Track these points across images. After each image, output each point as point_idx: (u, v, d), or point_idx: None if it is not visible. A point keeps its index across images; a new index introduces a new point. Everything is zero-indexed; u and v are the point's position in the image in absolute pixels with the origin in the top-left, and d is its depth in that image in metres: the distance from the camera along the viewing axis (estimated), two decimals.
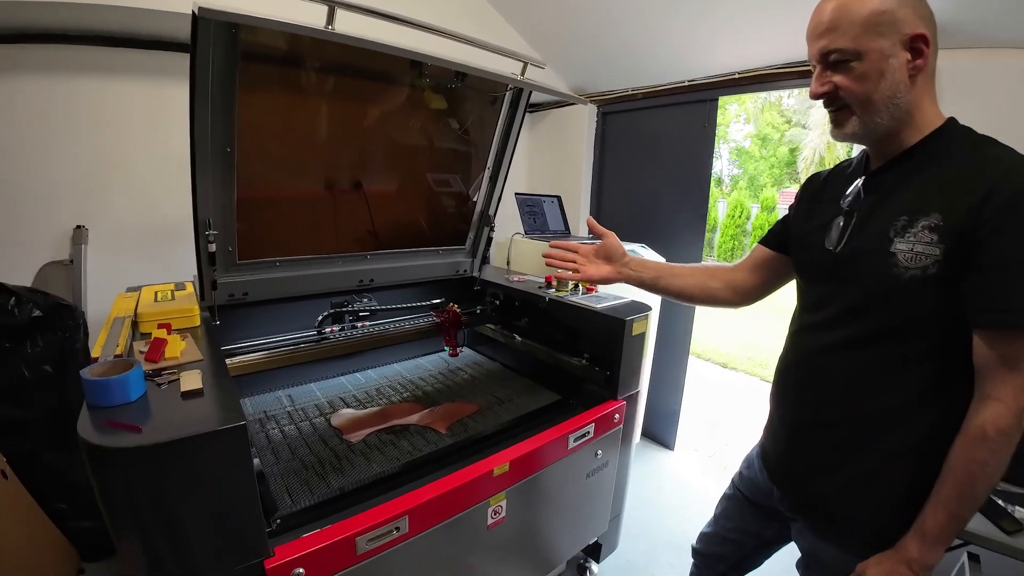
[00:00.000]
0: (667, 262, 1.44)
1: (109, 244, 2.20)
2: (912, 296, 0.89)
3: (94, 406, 0.94)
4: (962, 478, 0.86)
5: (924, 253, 0.87)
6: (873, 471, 0.98)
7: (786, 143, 17.35)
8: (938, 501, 0.89)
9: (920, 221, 0.88)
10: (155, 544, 0.91)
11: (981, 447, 0.84)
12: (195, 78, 1.25)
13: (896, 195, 0.95)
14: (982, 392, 0.86)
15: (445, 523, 1.25)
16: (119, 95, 2.14)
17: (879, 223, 0.95)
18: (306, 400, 1.85)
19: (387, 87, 1.73)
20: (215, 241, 1.51)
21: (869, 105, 0.90)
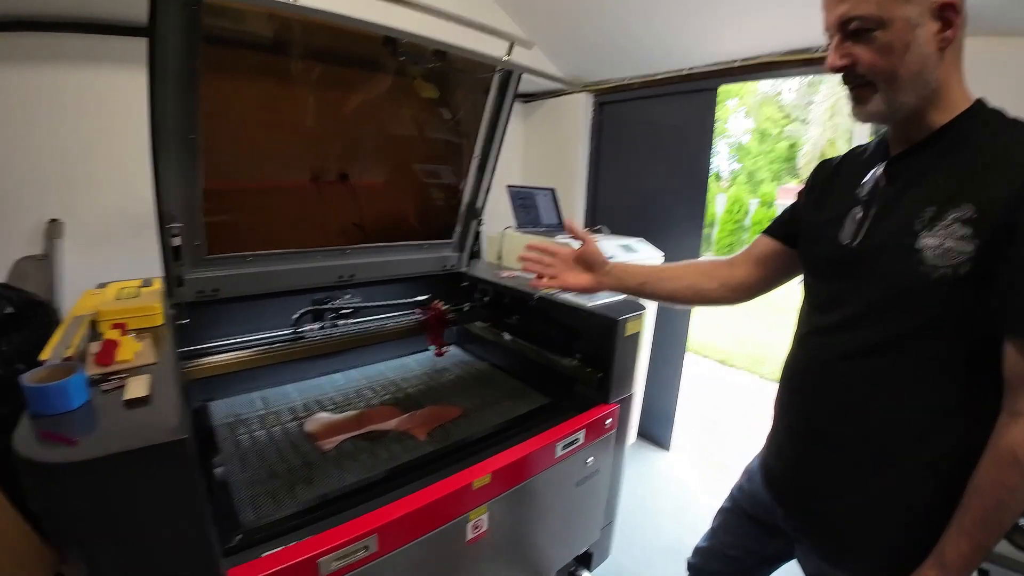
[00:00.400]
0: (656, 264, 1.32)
1: (87, 238, 2.11)
2: (940, 298, 0.79)
3: (35, 414, 0.86)
4: (990, 505, 0.77)
5: (955, 250, 0.76)
6: (890, 492, 0.89)
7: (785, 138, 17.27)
8: (961, 529, 0.80)
9: (950, 213, 0.78)
10: (97, 563, 0.82)
11: (1013, 471, 0.75)
12: (154, 60, 1.17)
13: (922, 183, 0.84)
14: (1013, 408, 0.77)
15: (419, 540, 1.15)
16: (98, 84, 2.04)
17: (902, 215, 0.84)
18: (281, 403, 1.75)
19: (363, 70, 1.63)
20: (179, 234, 1.42)
21: (894, 81, 0.80)
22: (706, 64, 2.50)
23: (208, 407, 1.69)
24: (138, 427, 0.85)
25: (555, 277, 1.26)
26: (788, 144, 17.16)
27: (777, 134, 17.55)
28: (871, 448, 0.90)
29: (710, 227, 14.24)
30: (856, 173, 0.97)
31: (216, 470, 1.32)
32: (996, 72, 1.64)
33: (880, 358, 0.87)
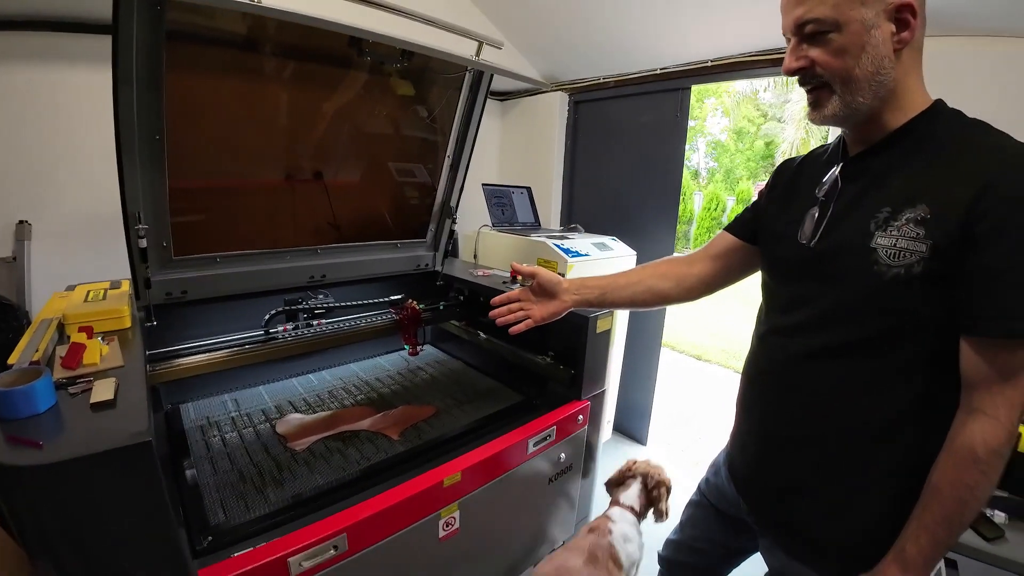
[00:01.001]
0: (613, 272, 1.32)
1: (54, 239, 2.06)
2: (895, 298, 0.80)
3: (1, 418, 0.85)
4: (949, 503, 0.78)
5: (908, 249, 0.78)
6: (854, 492, 0.90)
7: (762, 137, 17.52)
8: (921, 525, 0.80)
9: (905, 213, 0.79)
10: (65, 568, 0.83)
11: (971, 469, 0.76)
12: (117, 60, 1.16)
13: (878, 184, 0.85)
14: (971, 406, 0.78)
15: (390, 539, 1.16)
16: (64, 83, 1.98)
17: (859, 215, 0.85)
18: (253, 405, 1.74)
19: (331, 69, 1.62)
20: (146, 236, 1.40)
21: (850, 82, 0.81)
22: (678, 64, 2.53)
23: (179, 410, 1.68)
24: (104, 430, 0.84)
25: (528, 318, 1.27)
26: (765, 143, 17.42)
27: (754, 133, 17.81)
28: (832, 448, 0.91)
29: (688, 224, 14.41)
30: (816, 174, 0.98)
31: (187, 472, 1.31)
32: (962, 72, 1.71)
33: (840, 359, 0.88)
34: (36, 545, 0.82)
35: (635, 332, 2.94)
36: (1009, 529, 1.23)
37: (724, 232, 1.21)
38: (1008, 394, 0.75)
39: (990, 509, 1.29)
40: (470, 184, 2.12)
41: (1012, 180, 0.73)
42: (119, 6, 1.08)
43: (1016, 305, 0.72)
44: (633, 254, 2.71)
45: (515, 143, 3.48)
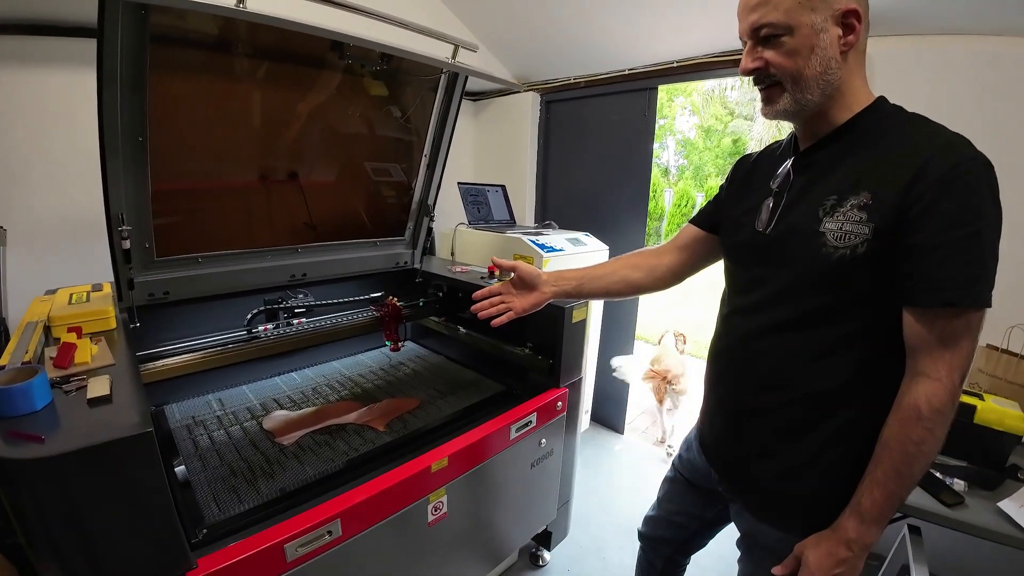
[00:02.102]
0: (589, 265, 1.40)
1: (31, 244, 2.01)
2: (842, 276, 0.88)
3: None
4: (898, 457, 0.85)
5: (853, 232, 0.86)
6: (812, 454, 0.98)
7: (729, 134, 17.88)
8: (874, 480, 0.88)
9: (849, 200, 0.87)
10: (69, 560, 0.85)
11: (916, 426, 0.83)
12: (103, 63, 1.17)
13: (826, 175, 0.94)
14: (915, 370, 0.85)
15: (382, 524, 1.21)
16: (36, 85, 1.94)
17: (808, 203, 0.94)
18: (237, 403, 1.76)
19: (312, 71, 1.65)
20: (129, 237, 1.41)
21: (800, 81, 0.88)
22: (646, 65, 2.62)
23: (163, 411, 1.68)
24: (103, 423, 0.87)
25: (510, 310, 1.32)
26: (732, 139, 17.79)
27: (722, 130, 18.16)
28: (793, 417, 0.99)
29: (659, 221, 14.64)
30: (771, 167, 1.07)
31: (176, 470, 1.33)
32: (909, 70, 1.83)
33: (794, 334, 0.97)
34: (40, 540, 0.84)
35: (609, 325, 3.03)
36: (968, 496, 1.33)
37: (689, 224, 1.29)
38: (947, 357, 0.82)
39: (949, 478, 1.39)
40: (445, 183, 2.17)
41: (941, 163, 0.80)
42: (104, 10, 1.10)
43: (949, 277, 0.79)
44: (605, 248, 2.80)
45: (488, 142, 3.53)
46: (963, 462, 1.46)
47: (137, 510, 0.88)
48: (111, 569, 0.88)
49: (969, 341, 0.83)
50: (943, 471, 1.41)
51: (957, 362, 0.83)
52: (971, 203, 0.79)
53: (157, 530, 0.91)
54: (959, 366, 0.83)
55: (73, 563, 0.86)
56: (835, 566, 0.90)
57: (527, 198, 3.34)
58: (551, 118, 3.25)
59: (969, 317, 0.82)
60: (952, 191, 0.79)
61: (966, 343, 0.83)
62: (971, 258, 0.79)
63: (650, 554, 1.54)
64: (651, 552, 1.54)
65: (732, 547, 1.22)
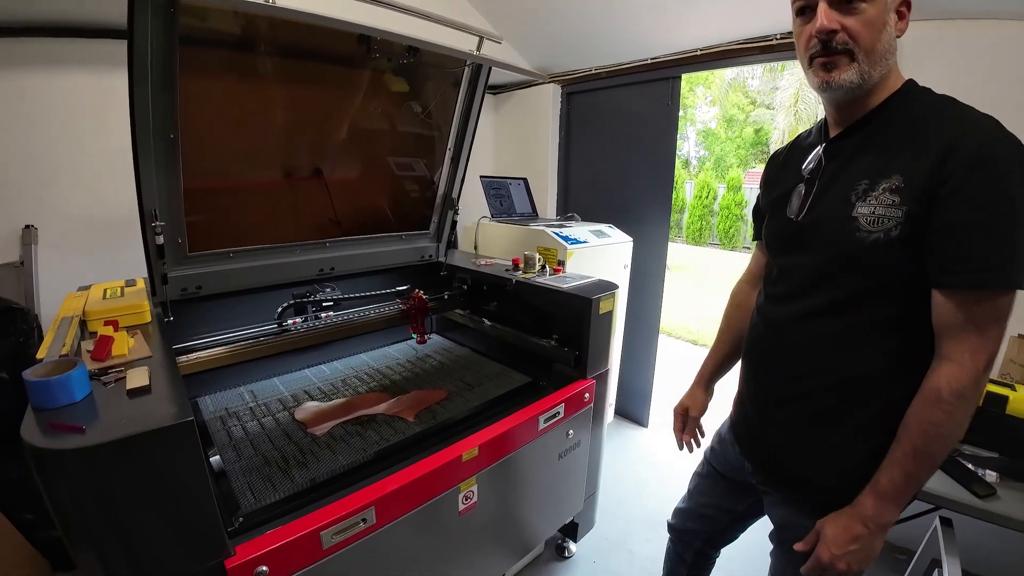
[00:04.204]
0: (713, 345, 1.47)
1: (61, 243, 2.09)
2: (876, 261, 0.87)
3: (38, 408, 0.89)
4: (916, 438, 0.86)
5: (886, 216, 0.85)
6: (847, 442, 0.97)
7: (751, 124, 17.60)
8: (893, 459, 0.88)
9: (881, 184, 0.87)
10: (109, 549, 0.86)
11: (936, 408, 0.83)
12: (133, 62, 1.19)
13: (857, 159, 0.93)
14: (939, 353, 0.85)
15: (414, 512, 1.22)
16: (64, 87, 2.01)
17: (840, 189, 0.93)
18: (269, 395, 1.79)
19: (339, 69, 1.66)
20: (163, 233, 1.44)
21: (872, 54, 0.87)
22: (668, 53, 2.59)
23: (197, 403, 1.72)
24: (144, 413, 0.89)
25: None
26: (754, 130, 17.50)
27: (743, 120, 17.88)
28: (824, 404, 0.99)
29: (680, 213, 14.47)
30: (801, 156, 1.07)
31: (211, 460, 1.36)
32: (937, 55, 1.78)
33: (827, 320, 0.96)
34: (79, 531, 0.85)
35: (633, 318, 3.01)
36: (1000, 487, 1.30)
37: (756, 244, 1.30)
38: (973, 341, 0.82)
39: (981, 469, 1.36)
40: (467, 177, 2.17)
41: (970, 144, 0.79)
42: (134, 10, 1.12)
43: (976, 258, 0.79)
44: (629, 240, 2.77)
45: (509, 135, 3.52)
46: (995, 453, 1.42)
47: (177, 498, 0.89)
48: (150, 558, 0.89)
49: (997, 325, 0.83)
50: (975, 462, 1.38)
51: (983, 346, 0.82)
52: (1000, 184, 0.78)
53: (196, 518, 0.92)
54: (985, 350, 0.83)
55: (112, 553, 0.87)
56: (851, 541, 0.91)
57: (549, 191, 3.33)
58: (572, 110, 3.23)
59: (997, 301, 0.82)
60: (981, 171, 0.78)
61: (993, 327, 0.83)
62: (1000, 239, 0.78)
63: (679, 547, 1.54)
64: (680, 545, 1.53)
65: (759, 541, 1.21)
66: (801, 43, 0.94)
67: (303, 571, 1.05)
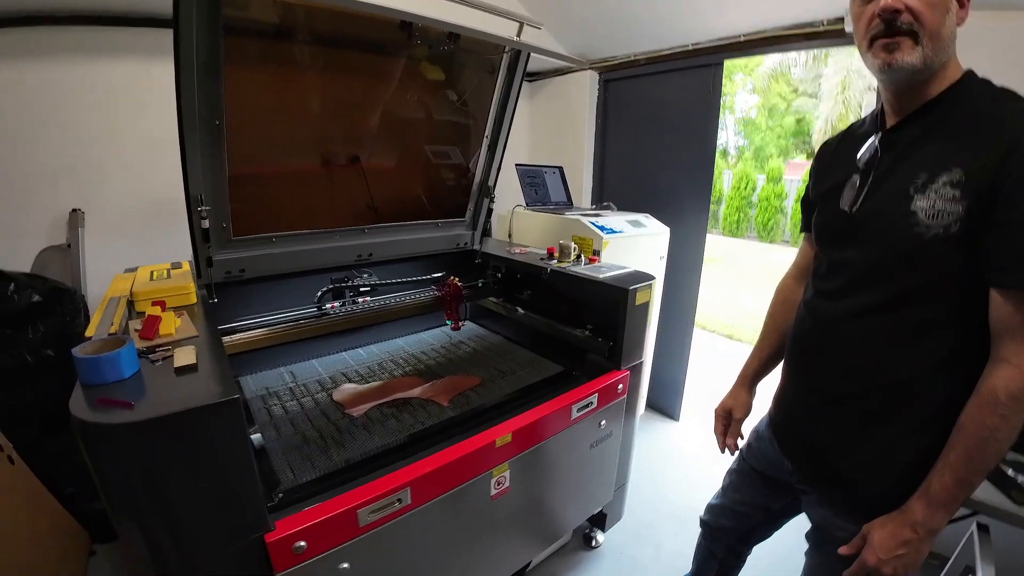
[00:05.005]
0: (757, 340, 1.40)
1: (107, 227, 2.19)
2: (934, 257, 0.85)
3: (87, 384, 0.92)
4: (972, 443, 0.83)
5: (946, 211, 0.82)
6: (895, 444, 0.95)
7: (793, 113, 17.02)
8: (946, 464, 0.86)
9: (941, 177, 0.83)
10: (152, 522, 0.90)
11: (992, 412, 0.81)
12: (179, 51, 1.22)
13: (916, 151, 0.90)
14: (996, 355, 0.82)
15: (448, 494, 1.24)
16: (108, 75, 2.09)
17: (898, 181, 0.90)
18: (308, 376, 1.84)
19: (379, 57, 1.67)
20: (208, 217, 1.48)
21: (936, 38, 0.84)
22: (710, 39, 2.51)
23: (239, 382, 1.78)
24: (191, 390, 0.92)
25: None
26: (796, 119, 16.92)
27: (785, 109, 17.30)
28: (876, 405, 0.96)
29: (717, 204, 14.15)
30: (854, 145, 1.02)
31: (252, 437, 1.40)
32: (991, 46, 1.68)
33: (880, 318, 0.93)
34: (124, 504, 0.88)
35: (668, 310, 2.97)
36: None
37: (803, 236, 1.27)
38: None
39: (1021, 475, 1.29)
40: (503, 165, 2.17)
41: None
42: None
43: None
44: (666, 231, 2.73)
45: (545, 123, 3.50)
46: None
47: (221, 474, 0.92)
48: (192, 531, 0.92)
49: None
50: (1015, 468, 1.31)
51: None
52: None
53: (239, 493, 0.95)
54: None
55: (155, 526, 0.90)
56: (899, 547, 0.89)
57: (584, 180, 3.30)
58: (609, 97, 3.18)
59: None
60: None
61: None
62: None
63: (711, 542, 1.53)
64: (712, 541, 1.53)
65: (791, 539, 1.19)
66: (861, 24, 0.90)
67: (340, 548, 1.08)
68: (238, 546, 0.97)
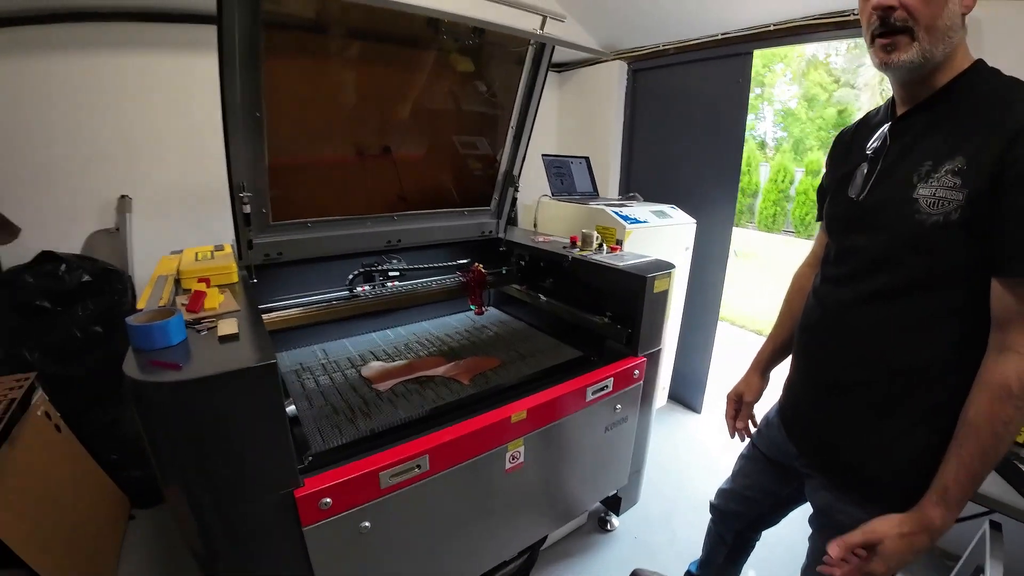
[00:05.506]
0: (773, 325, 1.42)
1: (153, 212, 2.33)
2: (936, 244, 0.85)
3: (138, 349, 1.02)
4: (987, 438, 0.82)
5: (946, 198, 0.83)
6: (900, 433, 0.96)
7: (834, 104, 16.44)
8: (961, 463, 0.84)
9: (944, 165, 0.84)
10: (194, 475, 1.00)
11: (1007, 404, 0.80)
12: (223, 47, 1.31)
13: (922, 140, 0.91)
14: (1004, 344, 0.82)
15: (464, 464, 1.32)
16: (155, 69, 2.23)
17: (904, 169, 0.91)
18: (339, 354, 1.95)
19: (408, 50, 1.74)
20: (249, 202, 1.58)
21: (933, 31, 0.84)
22: (740, 28, 2.50)
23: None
24: (233, 356, 1.01)
25: None
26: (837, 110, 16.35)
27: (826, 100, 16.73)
28: (882, 393, 0.97)
29: (753, 197, 13.83)
30: (868, 134, 1.04)
31: (288, 407, 1.51)
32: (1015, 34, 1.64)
33: (886, 305, 0.94)
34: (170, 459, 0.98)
35: (692, 301, 2.97)
36: None
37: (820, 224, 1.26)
38: None
39: None
40: (529, 156, 2.21)
41: None
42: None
43: None
44: (692, 222, 2.73)
45: (573, 114, 3.52)
46: None
47: (256, 432, 1.01)
48: (229, 484, 1.01)
49: None
50: None
51: None
52: None
53: (272, 450, 1.04)
54: None
55: (196, 479, 0.99)
56: (913, 555, 0.88)
57: (611, 170, 3.32)
58: (638, 88, 3.18)
59: None
60: None
61: None
62: None
63: (720, 527, 1.56)
64: (721, 525, 1.55)
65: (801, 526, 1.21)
66: (863, 20, 0.92)
67: (362, 507, 1.17)
68: (270, 500, 1.06)
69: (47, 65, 2.04)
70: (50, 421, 1.79)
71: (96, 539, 1.84)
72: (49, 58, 2.04)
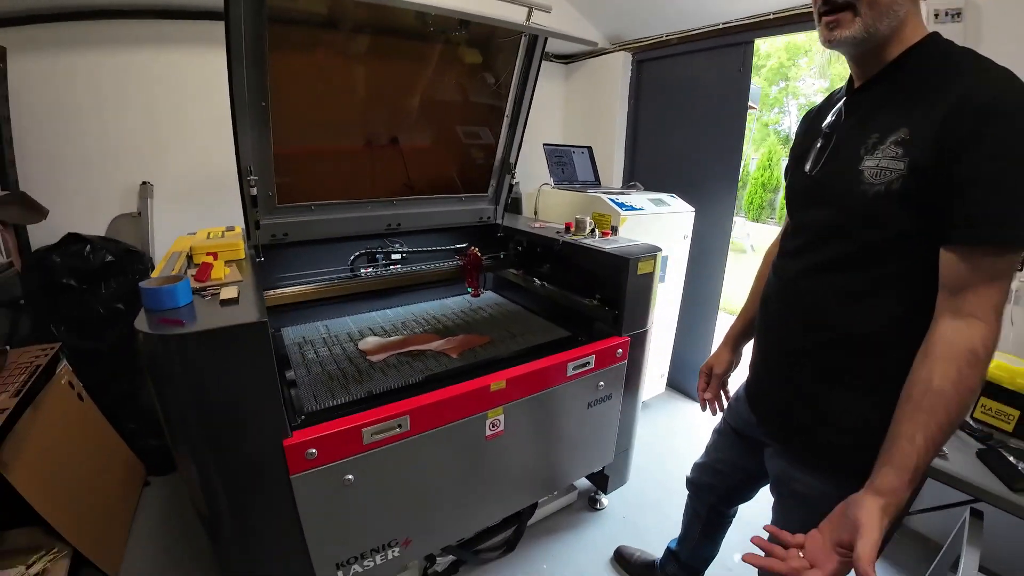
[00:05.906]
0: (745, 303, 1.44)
1: (173, 197, 2.48)
2: (879, 214, 0.86)
3: (149, 310, 1.14)
4: (954, 408, 0.79)
5: (889, 168, 0.84)
6: (851, 399, 0.98)
7: None
8: (928, 433, 0.79)
9: (890, 137, 0.86)
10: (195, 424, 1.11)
11: (975, 371, 0.79)
12: (230, 40, 1.41)
13: (873, 114, 0.92)
14: (961, 311, 0.81)
15: (444, 428, 1.42)
16: (176, 62, 2.36)
17: (853, 143, 0.93)
18: (340, 330, 2.05)
19: (404, 41, 1.82)
20: (256, 186, 1.68)
21: (875, 5, 0.84)
22: (740, 17, 2.52)
23: (281, 333, 2.02)
24: (231, 315, 1.12)
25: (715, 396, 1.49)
26: None
27: None
28: (829, 358, 1.00)
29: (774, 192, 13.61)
30: (828, 111, 1.06)
31: (287, 374, 1.62)
32: None
33: (834, 274, 0.97)
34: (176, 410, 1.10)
35: (691, 291, 3.01)
36: None
37: None
38: (994, 298, 0.80)
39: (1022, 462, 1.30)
40: (534, 147, 2.27)
41: (985, 92, 0.77)
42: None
43: (997, 211, 0.76)
44: (691, 210, 2.77)
45: (579, 105, 3.57)
46: None
47: (249, 383, 1.12)
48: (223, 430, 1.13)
49: (1009, 280, 0.81)
50: (1017, 456, 1.32)
51: (1001, 301, 0.80)
52: (1012, 135, 0.74)
53: (263, 401, 1.15)
54: (1001, 306, 0.80)
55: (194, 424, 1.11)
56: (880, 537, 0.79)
57: (615, 160, 3.36)
58: (643, 78, 3.22)
59: (1012, 256, 0.79)
60: (992, 122, 0.75)
61: (1006, 283, 0.81)
62: (1015, 192, 0.75)
63: (695, 501, 1.60)
64: (696, 499, 1.60)
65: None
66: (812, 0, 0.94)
67: (346, 460, 1.28)
68: (261, 447, 1.17)
69: (78, 60, 2.19)
70: (73, 390, 1.94)
71: (112, 501, 1.98)
72: (82, 54, 2.19)
